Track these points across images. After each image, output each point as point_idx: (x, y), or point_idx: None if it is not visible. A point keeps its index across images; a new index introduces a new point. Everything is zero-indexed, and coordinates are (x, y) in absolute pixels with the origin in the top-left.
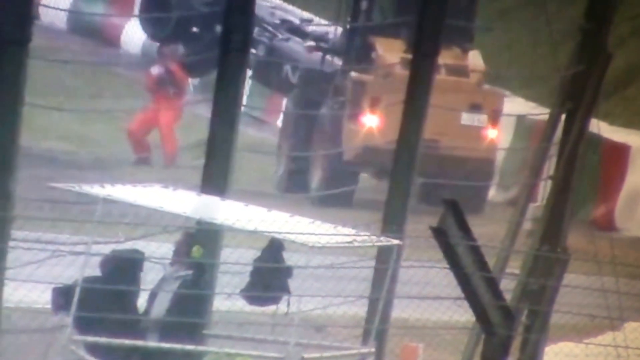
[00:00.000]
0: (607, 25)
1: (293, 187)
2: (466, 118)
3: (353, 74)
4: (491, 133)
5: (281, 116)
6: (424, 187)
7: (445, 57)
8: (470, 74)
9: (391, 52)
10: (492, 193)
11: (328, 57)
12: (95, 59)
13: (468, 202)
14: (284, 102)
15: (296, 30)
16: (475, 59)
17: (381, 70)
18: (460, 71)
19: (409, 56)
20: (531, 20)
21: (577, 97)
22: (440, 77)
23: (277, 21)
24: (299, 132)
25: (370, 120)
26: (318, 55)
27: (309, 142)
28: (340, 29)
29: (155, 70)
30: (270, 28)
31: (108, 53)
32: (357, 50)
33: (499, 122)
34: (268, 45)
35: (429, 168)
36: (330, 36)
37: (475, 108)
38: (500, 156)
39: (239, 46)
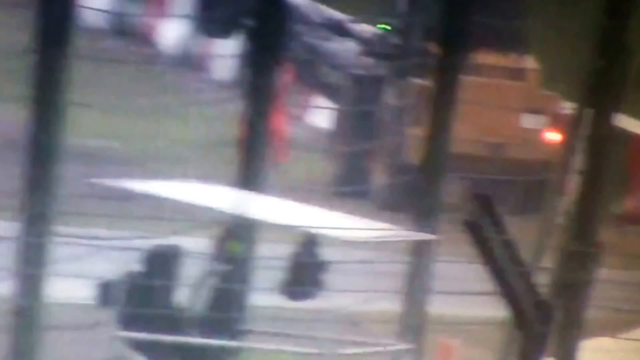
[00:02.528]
0: (626, 21)
1: (351, 189)
2: (526, 121)
3: (412, 78)
4: (551, 135)
5: (310, 111)
6: (477, 187)
7: (502, 61)
8: (527, 78)
9: None
10: None
11: (376, 60)
12: (135, 58)
13: (527, 202)
14: (314, 99)
15: (340, 30)
16: (531, 62)
17: None
18: (517, 75)
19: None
20: (554, 15)
21: (601, 93)
22: (498, 81)
23: (320, 20)
24: (354, 135)
25: None
26: (365, 57)
27: (367, 147)
28: (385, 32)
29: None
30: (312, 27)
31: (146, 52)
32: (412, 54)
33: (559, 125)
34: (308, 44)
35: (491, 170)
36: (377, 38)
37: (534, 111)
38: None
39: (270, 43)
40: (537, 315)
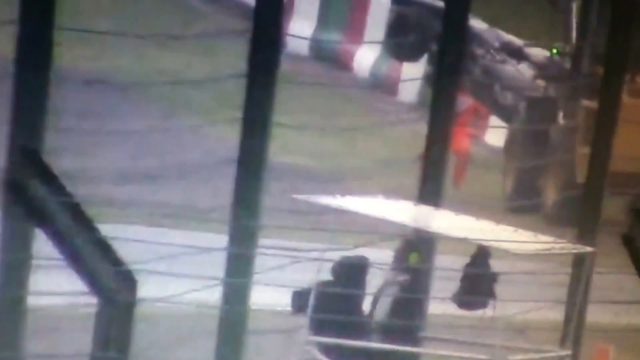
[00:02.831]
0: None
1: (524, 205)
2: None
3: (581, 100)
4: None
5: (487, 131)
6: (635, 202)
7: None
8: None
9: None
10: None
11: (548, 82)
12: (333, 81)
13: None
14: (491, 119)
15: (515, 54)
16: None
17: None
18: None
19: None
20: None
21: None
22: None
23: (498, 44)
24: (527, 154)
25: None
26: (538, 80)
27: (539, 164)
28: (557, 56)
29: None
30: (490, 51)
31: (343, 76)
32: (581, 77)
33: None
34: (487, 67)
35: None
36: (549, 62)
37: None
38: None
39: (453, 66)
40: None
